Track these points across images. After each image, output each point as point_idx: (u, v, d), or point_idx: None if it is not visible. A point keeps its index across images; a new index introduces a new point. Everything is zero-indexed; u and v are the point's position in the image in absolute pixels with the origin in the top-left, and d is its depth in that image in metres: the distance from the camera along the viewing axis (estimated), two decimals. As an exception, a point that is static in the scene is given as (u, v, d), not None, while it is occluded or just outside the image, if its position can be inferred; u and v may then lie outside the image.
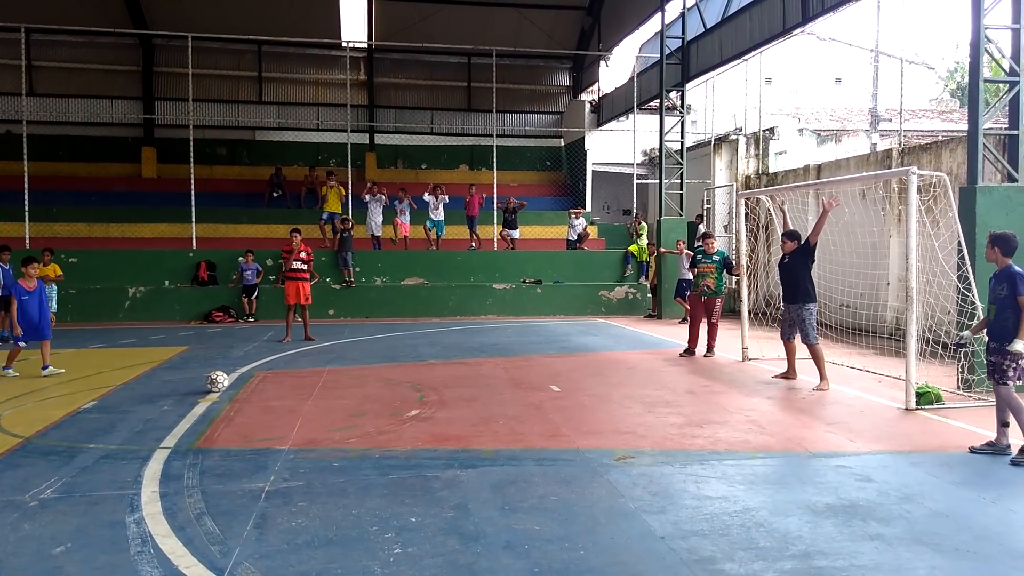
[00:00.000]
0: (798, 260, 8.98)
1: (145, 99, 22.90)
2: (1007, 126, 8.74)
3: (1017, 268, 6.03)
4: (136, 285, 16.32)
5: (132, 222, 18.95)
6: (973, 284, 7.91)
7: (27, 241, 15.78)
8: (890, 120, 21.90)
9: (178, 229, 18.06)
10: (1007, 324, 5.94)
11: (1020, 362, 5.89)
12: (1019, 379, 5.97)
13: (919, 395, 7.67)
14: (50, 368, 9.66)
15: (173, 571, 3.92)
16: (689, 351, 11.39)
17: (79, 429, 6.92)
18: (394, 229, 18.27)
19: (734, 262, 11.89)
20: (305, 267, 12.99)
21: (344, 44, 22.59)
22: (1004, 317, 5.98)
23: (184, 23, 19.83)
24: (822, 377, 8.76)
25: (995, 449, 6.01)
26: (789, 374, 9.32)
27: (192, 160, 17.39)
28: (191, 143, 17.49)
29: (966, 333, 6.73)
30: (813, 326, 8.89)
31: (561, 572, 3.88)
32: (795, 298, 8.96)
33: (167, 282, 16.76)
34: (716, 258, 11.29)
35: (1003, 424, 6.02)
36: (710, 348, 11.38)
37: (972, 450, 6.10)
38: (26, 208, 16.15)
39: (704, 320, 11.48)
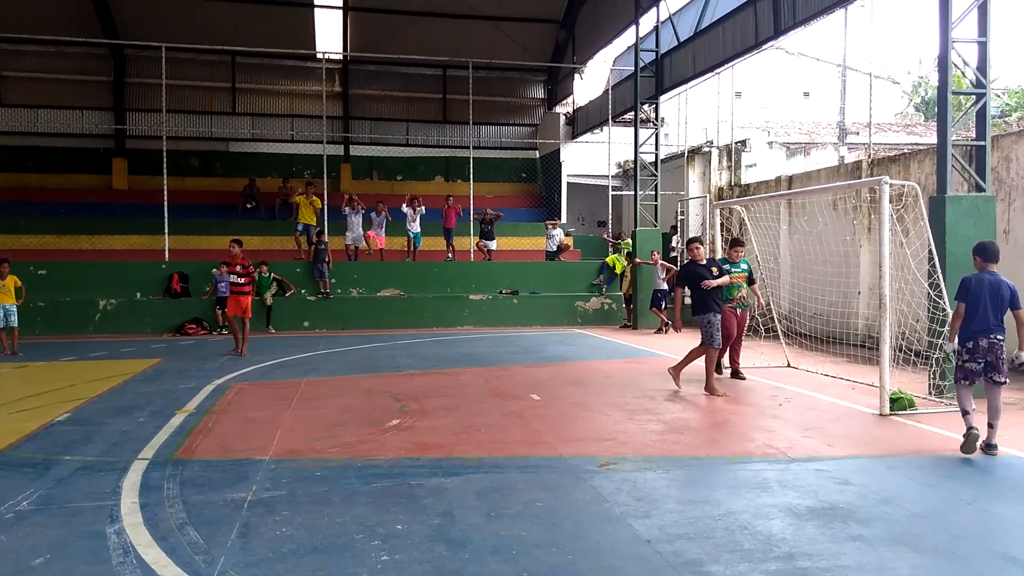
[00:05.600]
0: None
1: (116, 110, 22.65)
2: (974, 137, 8.96)
3: (967, 275, 6.37)
4: (107, 297, 16.07)
5: (103, 234, 18.66)
6: (944, 291, 8.08)
7: (-6, 253, 15.47)
8: (857, 133, 22.34)
9: (150, 241, 17.83)
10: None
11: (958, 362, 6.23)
12: (966, 380, 6.26)
13: (893, 401, 7.81)
14: None
15: (157, 581, 3.87)
16: (736, 373, 10.16)
17: (54, 441, 6.80)
18: (367, 241, 18.21)
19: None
20: (243, 280, 12.55)
21: (319, 55, 22.52)
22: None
23: (156, 33, 19.66)
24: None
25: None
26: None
27: (165, 171, 17.21)
28: (164, 154, 17.30)
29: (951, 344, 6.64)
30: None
31: (550, 576, 3.90)
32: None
33: (139, 294, 16.53)
34: (744, 267, 10.22)
35: (964, 413, 6.28)
36: (737, 369, 10.26)
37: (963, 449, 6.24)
38: (-6, 219, 15.87)
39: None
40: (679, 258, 19.91)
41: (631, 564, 4.06)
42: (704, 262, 9.32)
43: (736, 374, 10.14)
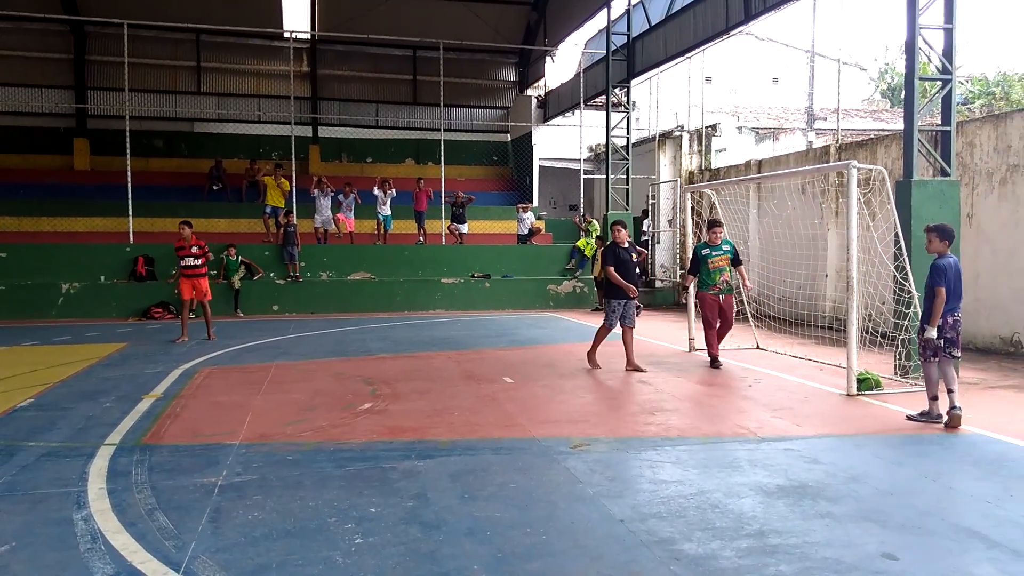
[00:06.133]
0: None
1: (77, 88, 22.07)
2: (940, 123, 9.09)
3: (939, 261, 6.59)
4: (70, 281, 15.73)
5: (65, 215, 18.23)
6: (910, 274, 8.22)
7: (-50, 235, 15.07)
8: (825, 119, 22.60)
9: (114, 223, 17.45)
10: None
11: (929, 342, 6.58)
12: (934, 356, 6.58)
13: (859, 381, 7.94)
14: None
15: (127, 567, 3.81)
16: (714, 360, 9.69)
17: (16, 427, 6.65)
18: (336, 224, 18.03)
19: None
20: (199, 262, 12.08)
21: (286, 34, 22.15)
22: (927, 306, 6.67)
23: (118, 10, 19.13)
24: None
25: (928, 418, 6.65)
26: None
27: (128, 152, 16.83)
28: (127, 134, 16.92)
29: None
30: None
31: (524, 557, 3.91)
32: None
33: (103, 278, 16.21)
34: (727, 248, 9.79)
35: (932, 397, 6.68)
36: (714, 356, 9.74)
37: (908, 417, 6.78)
38: (-50, 200, 15.42)
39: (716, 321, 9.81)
40: (650, 241, 20.05)
41: (605, 543, 4.09)
42: (626, 245, 9.57)
43: (714, 361, 9.66)
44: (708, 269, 9.72)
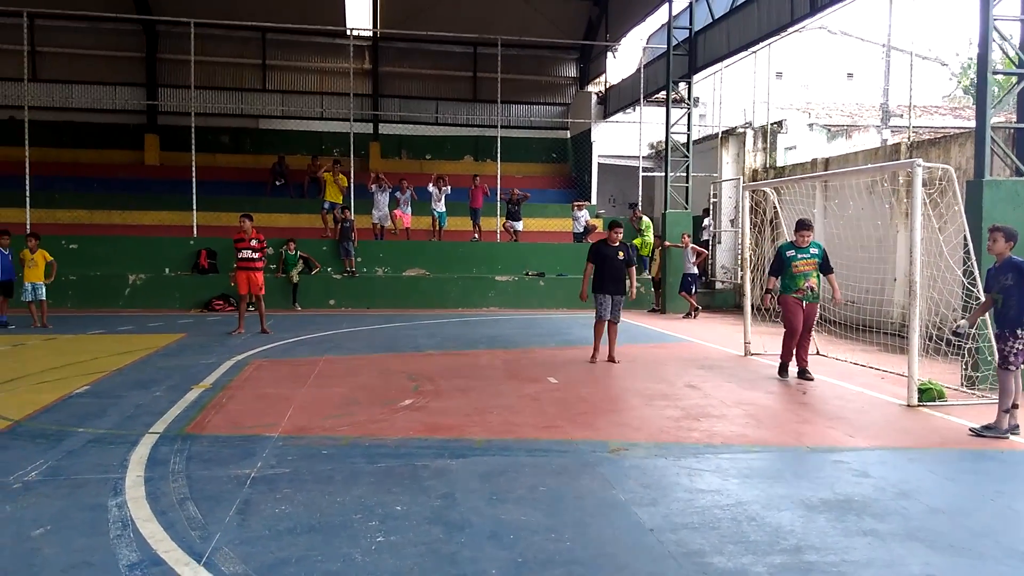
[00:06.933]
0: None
1: (149, 86, 22.84)
2: (1016, 120, 8.58)
3: (1018, 258, 6.30)
4: (136, 272, 16.28)
5: (134, 209, 18.91)
6: (978, 279, 7.77)
7: (27, 227, 15.72)
8: (901, 116, 21.67)
9: (180, 217, 18.01)
10: (1010, 312, 6.20)
11: (1017, 346, 6.17)
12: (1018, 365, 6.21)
13: (921, 391, 7.55)
14: None
15: (151, 555, 3.85)
16: (784, 368, 9.10)
17: (70, 413, 6.87)
18: (393, 220, 18.18)
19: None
20: (256, 255, 12.30)
21: (349, 32, 22.45)
22: (1009, 306, 6.22)
23: (188, 9, 19.71)
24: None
25: (996, 433, 6.21)
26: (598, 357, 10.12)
27: (194, 148, 17.32)
28: (193, 131, 17.41)
29: (963, 322, 6.78)
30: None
31: (544, 563, 3.80)
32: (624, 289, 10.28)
33: (167, 270, 16.72)
34: (815, 251, 8.98)
35: (1004, 410, 6.23)
36: (804, 367, 8.98)
37: (972, 432, 6.32)
38: (27, 194, 16.12)
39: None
40: (711, 241, 19.60)
41: (631, 553, 3.95)
42: (616, 244, 10.07)
43: (803, 373, 8.91)
44: (792, 273, 8.90)
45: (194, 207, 17.05)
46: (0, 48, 20.86)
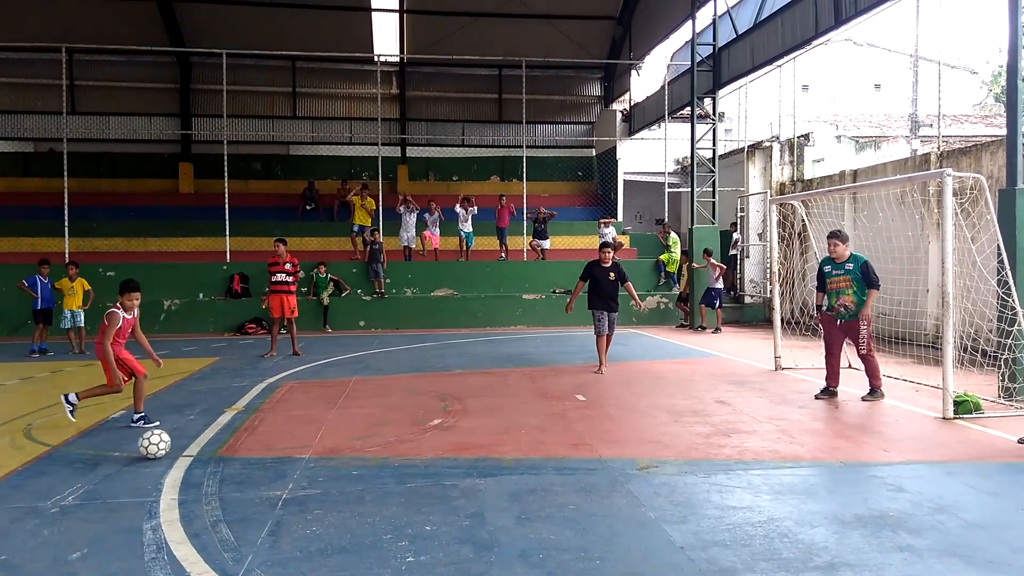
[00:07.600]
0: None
1: (183, 116, 23.41)
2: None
3: None
4: (172, 298, 16.59)
5: (169, 236, 19.30)
6: (1013, 289, 7.64)
7: (66, 255, 16.15)
8: (931, 125, 21.41)
9: (213, 243, 18.34)
10: None
11: None
12: None
13: (957, 404, 7.41)
14: None
15: (184, 577, 3.91)
16: (828, 390, 8.66)
17: (107, 438, 7.01)
18: (422, 241, 18.34)
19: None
20: (290, 279, 12.47)
21: (376, 58, 22.81)
22: None
23: (220, 40, 20.21)
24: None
25: None
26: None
27: (227, 175, 17.67)
28: (226, 158, 17.77)
29: None
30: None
31: (574, 582, 3.79)
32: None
33: (201, 295, 17.01)
34: (850, 267, 8.40)
35: None
36: (873, 388, 8.49)
37: (1021, 441, 6.21)
38: (66, 223, 16.56)
39: (851, 350, 8.94)
40: (738, 256, 19.47)
41: (661, 571, 3.92)
42: (608, 264, 10.67)
43: (827, 390, 8.67)
44: (828, 290, 8.58)
45: (227, 233, 17.37)
46: (40, 83, 21.61)
